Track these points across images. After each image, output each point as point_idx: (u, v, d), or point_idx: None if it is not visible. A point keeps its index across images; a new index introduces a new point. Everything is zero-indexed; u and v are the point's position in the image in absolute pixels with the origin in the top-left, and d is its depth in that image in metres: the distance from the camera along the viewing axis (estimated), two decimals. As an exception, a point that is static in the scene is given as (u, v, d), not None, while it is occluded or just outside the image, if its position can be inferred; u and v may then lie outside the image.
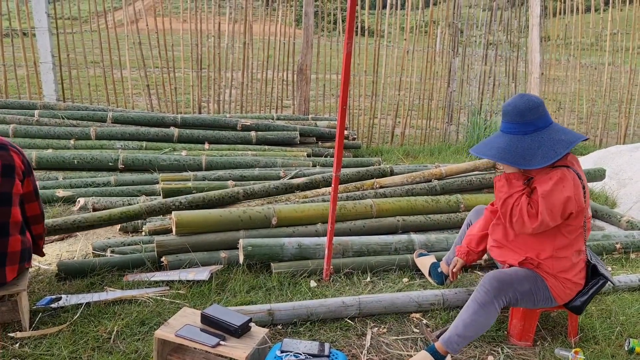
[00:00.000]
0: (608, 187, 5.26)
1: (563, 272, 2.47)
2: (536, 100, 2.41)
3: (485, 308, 2.38)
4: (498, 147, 2.42)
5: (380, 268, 3.32)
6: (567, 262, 2.47)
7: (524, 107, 2.38)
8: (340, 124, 2.84)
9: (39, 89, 6.55)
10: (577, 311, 2.58)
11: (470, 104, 8.05)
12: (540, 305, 2.55)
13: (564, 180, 2.32)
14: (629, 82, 8.21)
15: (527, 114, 2.38)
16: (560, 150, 2.33)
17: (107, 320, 2.63)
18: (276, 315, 2.63)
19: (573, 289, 2.53)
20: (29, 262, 2.60)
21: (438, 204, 3.98)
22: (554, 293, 2.50)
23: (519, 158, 2.35)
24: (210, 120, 5.77)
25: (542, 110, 2.40)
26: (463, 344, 2.38)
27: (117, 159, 4.86)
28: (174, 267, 3.18)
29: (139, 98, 8.50)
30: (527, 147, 2.35)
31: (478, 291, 2.43)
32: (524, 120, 2.38)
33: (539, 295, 2.50)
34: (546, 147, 2.33)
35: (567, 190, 2.30)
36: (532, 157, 2.33)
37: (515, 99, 2.44)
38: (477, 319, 2.37)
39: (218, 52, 7.11)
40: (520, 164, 2.35)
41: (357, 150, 6.62)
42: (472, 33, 8.03)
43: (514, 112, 2.40)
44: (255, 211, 3.46)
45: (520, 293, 2.44)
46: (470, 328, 2.37)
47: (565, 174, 2.33)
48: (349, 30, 2.68)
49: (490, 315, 2.40)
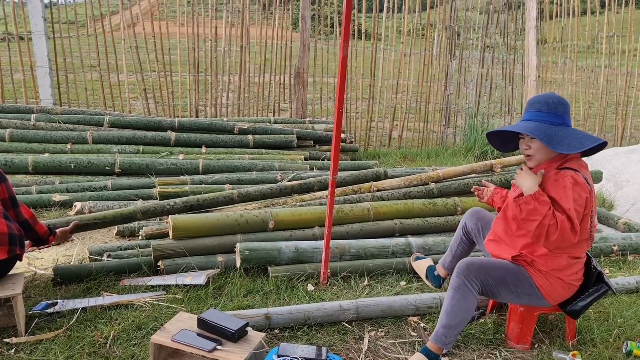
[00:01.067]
0: (605, 190, 5.27)
1: (556, 271, 2.44)
2: (566, 100, 2.45)
3: (459, 291, 2.40)
4: (526, 126, 2.40)
5: (377, 271, 3.32)
6: (562, 261, 2.44)
7: (556, 100, 2.41)
8: (337, 127, 2.84)
9: (36, 93, 6.54)
10: (575, 315, 2.57)
11: (468, 107, 8.06)
12: (525, 300, 2.51)
13: (578, 184, 2.29)
14: (625, 85, 8.23)
15: (558, 106, 2.39)
16: (587, 142, 2.33)
17: (103, 325, 2.62)
18: (273, 319, 2.62)
19: (566, 289, 2.49)
20: (21, 248, 2.63)
21: (435, 207, 3.98)
22: (542, 291, 2.46)
23: (548, 137, 2.33)
24: (207, 124, 5.77)
25: (569, 110, 2.43)
26: (451, 335, 2.39)
27: (114, 163, 4.85)
28: (170, 272, 3.17)
29: (136, 102, 8.50)
30: (555, 133, 2.34)
31: (452, 277, 2.47)
32: (554, 111, 2.38)
33: (520, 288, 2.46)
34: (572, 138, 2.34)
35: (584, 192, 2.29)
36: (559, 143, 2.32)
37: (545, 93, 2.47)
38: (455, 304, 2.40)
39: (215, 55, 7.12)
40: (549, 143, 2.32)
41: (354, 153, 6.63)
42: (469, 36, 8.04)
43: (545, 101, 2.41)
44: (252, 215, 3.46)
45: (492, 278, 2.43)
46: (451, 315, 2.39)
47: (575, 177, 2.31)
48: (345, 34, 2.68)
49: (467, 299, 2.40)
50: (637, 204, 4.92)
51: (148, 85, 7.06)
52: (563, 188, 2.28)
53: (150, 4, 7.35)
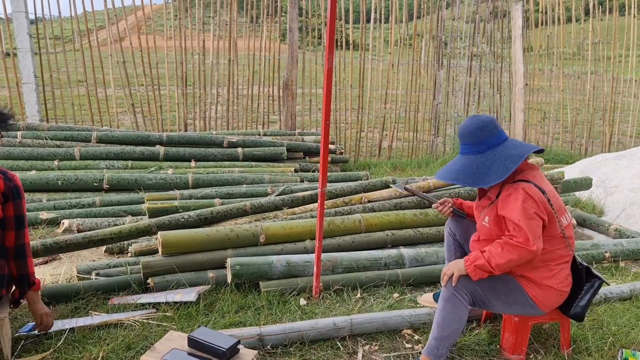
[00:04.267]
0: (595, 196, 5.28)
1: (547, 279, 2.44)
2: (485, 120, 2.47)
3: (449, 302, 2.38)
4: (455, 170, 2.48)
5: (370, 284, 3.29)
6: (550, 269, 2.44)
7: (474, 127, 2.45)
8: (324, 139, 2.82)
9: (22, 110, 6.48)
10: (580, 318, 2.52)
11: (456, 116, 8.09)
12: (518, 309, 2.49)
13: (529, 197, 2.33)
14: (611, 91, 8.31)
15: (477, 133, 2.44)
16: (510, 165, 2.37)
17: (92, 345, 2.56)
18: (266, 340, 2.58)
19: (558, 296, 2.48)
20: (6, 289, 2.44)
21: (427, 217, 3.96)
22: (536, 300, 2.45)
23: (473, 178, 2.41)
24: (196, 138, 5.74)
25: (493, 128, 2.45)
26: (443, 347, 2.38)
27: (102, 179, 4.80)
28: (160, 289, 3.12)
29: (124, 116, 8.45)
30: (481, 165, 2.42)
31: (442, 288, 2.46)
32: (476, 140, 2.44)
33: (512, 298, 2.46)
34: (498, 164, 2.39)
35: (535, 203, 2.33)
36: (486, 175, 2.39)
37: (466, 121, 2.51)
38: (445, 315, 2.38)
39: (203, 69, 7.10)
40: (475, 183, 2.41)
41: (345, 164, 6.61)
42: (456, 45, 8.09)
43: (466, 133, 2.47)
44: (242, 229, 3.42)
45: (482, 288, 2.42)
46: (442, 327, 2.38)
47: (526, 190, 2.34)
48: (329, 45, 2.68)
49: (457, 310, 2.38)
50: (627, 209, 4.94)
51: (136, 100, 7.02)
52: (514, 201, 2.33)
53: (137, 19, 7.32)
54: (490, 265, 2.32)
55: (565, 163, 7.32)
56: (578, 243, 3.95)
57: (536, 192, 2.34)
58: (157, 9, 13.54)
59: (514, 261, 2.31)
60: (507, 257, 2.30)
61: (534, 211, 2.31)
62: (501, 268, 2.33)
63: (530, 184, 2.36)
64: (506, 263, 2.31)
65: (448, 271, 2.41)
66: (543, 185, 2.41)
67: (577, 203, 5.15)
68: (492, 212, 2.48)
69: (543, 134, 8.55)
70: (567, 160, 7.56)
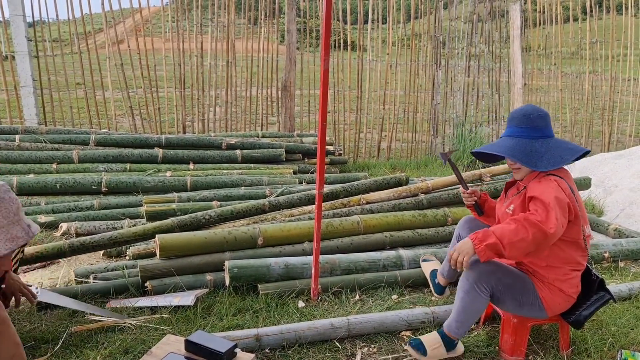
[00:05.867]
0: (594, 196, 5.28)
1: (558, 281, 2.43)
2: (544, 110, 2.48)
3: (468, 294, 2.41)
4: (507, 146, 2.44)
5: (369, 285, 3.28)
6: (563, 272, 2.43)
7: (534, 113, 2.44)
8: (321, 141, 2.82)
9: (20, 113, 6.47)
10: (578, 326, 2.52)
11: (455, 116, 8.08)
12: (526, 311, 2.49)
13: (560, 189, 2.31)
14: (610, 90, 8.31)
15: (536, 119, 2.43)
16: (567, 157, 2.37)
17: (89, 350, 2.55)
18: (264, 340, 2.57)
19: (565, 302, 2.48)
20: None
21: (425, 218, 3.95)
22: (544, 303, 2.45)
23: (527, 157, 2.38)
24: (195, 140, 5.73)
25: (549, 121, 2.47)
26: (463, 329, 2.48)
27: (100, 182, 4.79)
28: (158, 292, 3.11)
29: (122, 119, 8.44)
30: (535, 150, 2.39)
31: (461, 279, 2.47)
32: (532, 125, 2.42)
33: (525, 298, 2.45)
34: (553, 153, 2.38)
35: (565, 193, 2.30)
36: (539, 160, 2.37)
37: (524, 106, 2.51)
38: (464, 305, 2.43)
39: (201, 71, 7.10)
40: (528, 163, 2.38)
41: (343, 165, 6.60)
42: (454, 45, 8.09)
43: (524, 116, 2.44)
44: (240, 232, 3.41)
45: (503, 285, 2.41)
46: (462, 314, 2.45)
47: (559, 183, 2.33)
48: (325, 47, 2.67)
49: (476, 301, 2.41)
50: (627, 209, 4.93)
51: (134, 102, 7.01)
52: (547, 187, 2.31)
53: (135, 21, 7.32)
54: (502, 244, 2.17)
55: (564, 163, 7.30)
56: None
57: (567, 188, 2.34)
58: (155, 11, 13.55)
59: (527, 241, 2.16)
60: (520, 235, 2.16)
61: (567, 202, 2.28)
62: (514, 248, 2.18)
63: (563, 180, 2.36)
64: (519, 242, 2.16)
65: (456, 255, 2.27)
66: (573, 187, 2.41)
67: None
68: (518, 199, 2.47)
69: (542, 134, 8.52)
70: (566, 159, 7.54)
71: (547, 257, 2.43)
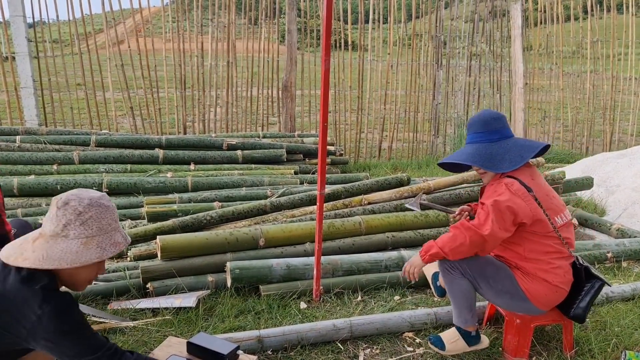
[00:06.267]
0: (597, 195, 5.26)
1: (541, 272, 2.42)
2: (499, 113, 2.57)
3: (446, 278, 2.55)
4: (468, 153, 2.52)
5: (371, 286, 3.27)
6: (543, 263, 2.42)
7: (489, 117, 2.52)
8: (322, 142, 2.81)
9: (21, 114, 6.46)
10: (580, 320, 2.48)
11: (456, 116, 8.07)
12: (508, 300, 2.48)
13: (506, 193, 2.36)
14: (611, 89, 8.29)
15: (492, 122, 2.50)
16: (526, 154, 2.44)
17: (91, 352, 2.54)
18: (266, 342, 2.56)
19: (553, 293, 2.44)
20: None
21: (427, 219, 3.94)
22: (527, 294, 2.43)
23: (488, 161, 2.46)
24: (195, 141, 5.71)
25: (505, 122, 2.55)
26: (462, 316, 2.56)
27: (101, 183, 4.78)
28: (160, 293, 3.10)
29: (123, 120, 8.44)
30: (495, 152, 2.46)
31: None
32: (490, 129, 2.49)
33: (501, 285, 2.47)
34: (513, 153, 2.44)
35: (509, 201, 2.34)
36: (500, 162, 2.44)
37: (479, 113, 2.59)
38: (450, 292, 2.58)
39: (202, 71, 7.08)
40: (489, 166, 2.46)
41: (344, 165, 6.59)
42: (455, 45, 8.07)
43: (480, 121, 2.52)
44: (242, 232, 3.40)
45: (470, 267, 2.47)
46: (454, 301, 2.58)
47: (508, 186, 2.38)
48: (326, 47, 2.66)
49: (454, 283, 2.53)
50: (629, 208, 4.92)
51: (135, 103, 7.00)
52: (493, 193, 2.41)
53: (135, 22, 7.31)
54: (443, 251, 2.39)
55: (566, 162, 7.29)
56: (579, 243, 3.92)
57: (519, 189, 2.38)
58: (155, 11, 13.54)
59: (466, 245, 2.34)
60: (459, 241, 2.35)
61: (507, 205, 2.34)
62: (456, 253, 2.38)
63: (514, 180, 2.41)
64: (459, 247, 2.35)
65: (408, 267, 2.52)
66: (532, 183, 2.43)
67: (579, 203, 5.13)
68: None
69: (543, 133, 8.52)
70: (568, 159, 7.54)
71: (524, 251, 2.45)
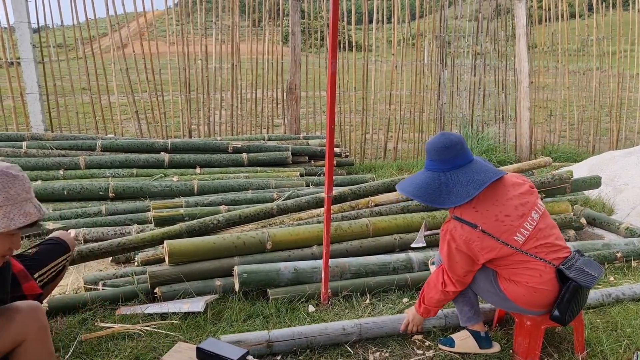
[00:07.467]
0: (604, 194, 5.23)
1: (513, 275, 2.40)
2: (454, 139, 2.43)
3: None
4: (417, 184, 2.47)
5: (379, 289, 3.25)
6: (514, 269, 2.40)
7: (441, 146, 2.41)
8: (329, 144, 2.80)
9: (27, 120, 6.48)
10: (559, 321, 2.42)
11: (462, 116, 8.04)
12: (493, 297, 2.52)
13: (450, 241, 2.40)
14: (617, 87, 8.24)
15: (443, 152, 2.41)
16: (472, 191, 2.34)
17: (99, 357, 2.54)
18: (275, 346, 2.55)
19: (532, 293, 2.39)
20: None
21: (435, 220, 3.92)
22: (507, 293, 2.42)
23: (433, 196, 2.39)
24: (201, 144, 5.72)
25: (460, 148, 2.42)
26: (465, 312, 2.64)
27: (108, 188, 4.78)
28: (168, 298, 3.09)
29: (128, 124, 8.45)
30: (443, 185, 2.39)
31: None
32: (441, 158, 2.41)
33: (482, 284, 2.51)
34: (460, 187, 2.36)
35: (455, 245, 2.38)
36: (446, 196, 2.37)
37: (435, 138, 2.48)
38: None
39: (206, 74, 7.09)
40: (433, 202, 2.39)
41: (350, 167, 6.58)
42: (459, 44, 8.05)
43: (432, 150, 2.45)
44: (249, 236, 3.39)
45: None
46: (455, 301, 2.65)
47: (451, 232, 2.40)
48: (332, 49, 2.65)
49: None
50: (638, 207, 4.88)
51: (140, 107, 7.01)
52: (442, 241, 2.48)
53: (139, 26, 7.32)
54: (431, 306, 2.60)
55: (572, 161, 7.26)
56: (589, 243, 3.89)
57: (461, 234, 2.36)
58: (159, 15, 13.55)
59: (442, 301, 2.57)
60: (436, 298, 2.56)
61: (455, 247, 2.39)
62: (439, 304, 2.60)
63: (457, 224, 2.38)
64: (437, 303, 2.58)
65: (410, 326, 2.72)
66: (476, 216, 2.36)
67: (587, 202, 5.09)
68: None
69: (549, 132, 8.49)
70: (575, 158, 7.50)
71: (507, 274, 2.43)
